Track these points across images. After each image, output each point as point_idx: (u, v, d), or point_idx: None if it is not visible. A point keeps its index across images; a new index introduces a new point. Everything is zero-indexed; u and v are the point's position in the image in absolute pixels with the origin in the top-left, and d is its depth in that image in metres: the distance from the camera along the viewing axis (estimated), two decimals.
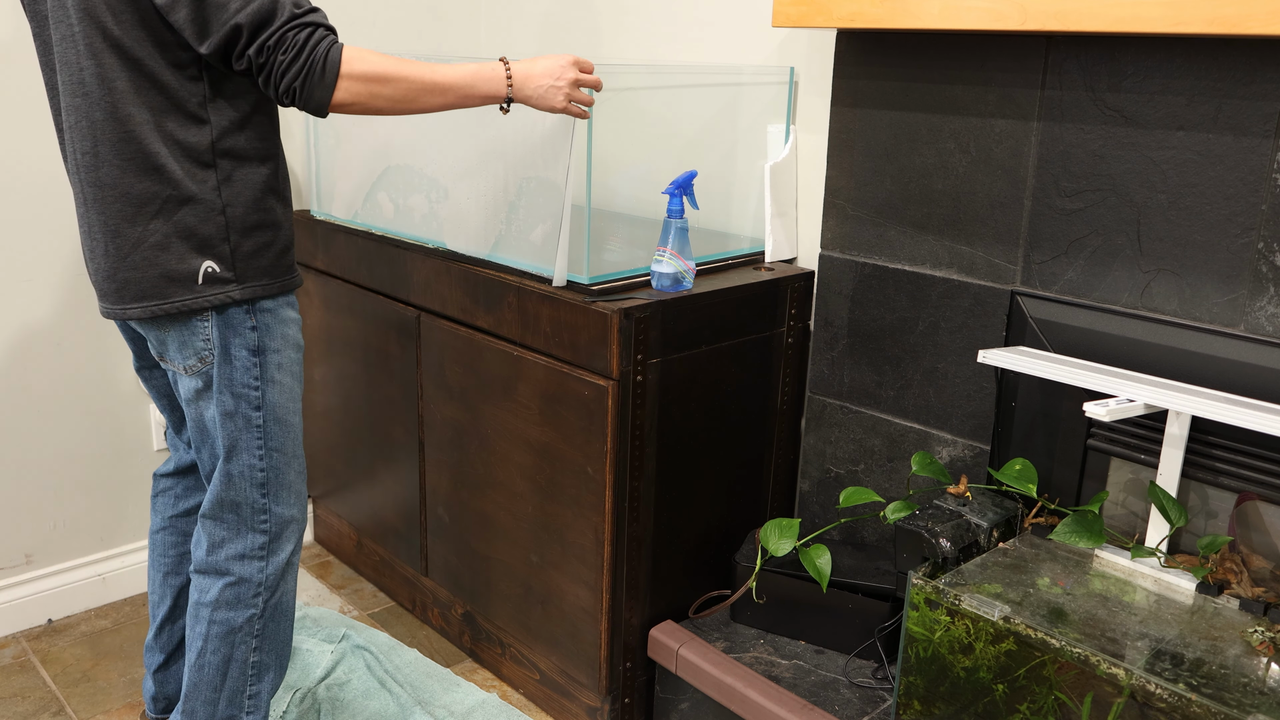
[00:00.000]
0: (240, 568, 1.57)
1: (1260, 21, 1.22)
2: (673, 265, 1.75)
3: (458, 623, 2.21)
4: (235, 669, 1.60)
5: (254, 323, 1.49)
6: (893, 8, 1.55)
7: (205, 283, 1.45)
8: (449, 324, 1.99)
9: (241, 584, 1.57)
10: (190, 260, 1.43)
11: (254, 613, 1.59)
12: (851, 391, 1.91)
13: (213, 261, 1.44)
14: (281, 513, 1.58)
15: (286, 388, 1.55)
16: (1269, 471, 1.40)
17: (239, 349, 1.49)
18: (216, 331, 1.47)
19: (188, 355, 1.49)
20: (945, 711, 1.42)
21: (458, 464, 2.04)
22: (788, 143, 1.98)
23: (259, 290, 1.48)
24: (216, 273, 1.45)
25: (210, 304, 1.45)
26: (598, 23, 2.36)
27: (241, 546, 1.57)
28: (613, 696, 1.87)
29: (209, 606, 1.57)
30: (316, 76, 1.35)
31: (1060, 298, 1.60)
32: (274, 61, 1.34)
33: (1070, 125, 1.54)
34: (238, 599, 1.58)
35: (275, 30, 1.33)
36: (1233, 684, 1.21)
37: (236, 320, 1.48)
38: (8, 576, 2.23)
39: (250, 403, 1.51)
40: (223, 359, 1.48)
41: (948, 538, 1.49)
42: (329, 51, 1.36)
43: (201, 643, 1.59)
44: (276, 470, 1.56)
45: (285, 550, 1.60)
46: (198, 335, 1.48)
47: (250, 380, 1.50)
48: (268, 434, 1.54)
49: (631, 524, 1.77)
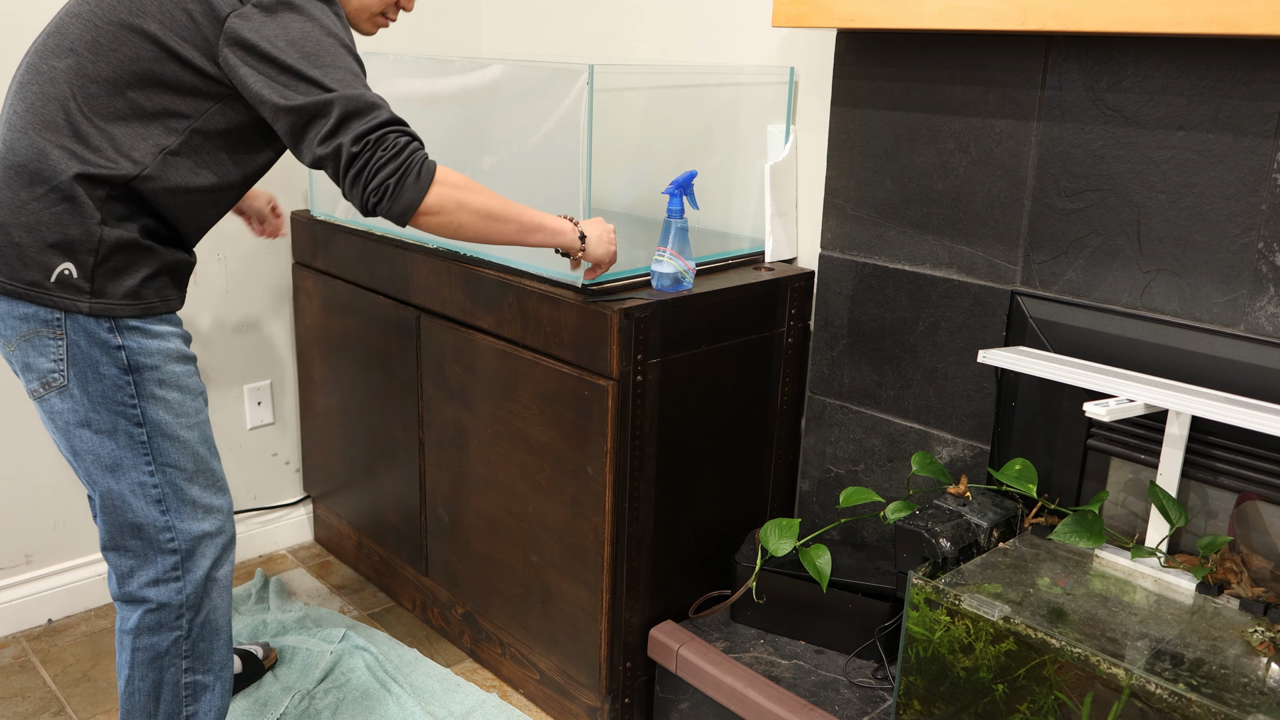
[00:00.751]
0: (155, 593, 1.51)
1: (1260, 21, 1.22)
2: (673, 265, 1.75)
3: (458, 623, 2.21)
4: (167, 692, 1.55)
5: (120, 341, 1.41)
6: (893, 8, 1.55)
7: (58, 284, 1.38)
8: (449, 324, 1.99)
9: (161, 609, 1.51)
10: (49, 255, 1.37)
11: (179, 634, 1.53)
12: (851, 391, 1.91)
13: (71, 266, 1.38)
14: (188, 528, 1.50)
15: (174, 403, 1.47)
16: (1269, 471, 1.40)
17: (108, 367, 1.41)
18: (74, 350, 1.40)
19: (30, 379, 1.43)
20: (945, 711, 1.42)
21: (458, 464, 2.04)
22: (788, 143, 1.98)
23: (116, 309, 1.40)
24: (72, 278, 1.38)
25: (60, 306, 1.38)
26: (598, 23, 2.36)
27: (153, 572, 1.50)
28: (613, 696, 1.87)
29: (130, 634, 1.52)
30: (412, 178, 1.35)
31: (1060, 298, 1.60)
32: (371, 157, 1.33)
33: (1070, 125, 1.54)
34: (159, 624, 1.52)
35: (378, 128, 1.33)
36: (1233, 684, 1.21)
37: (101, 340, 1.40)
38: (8, 576, 2.23)
39: (130, 419, 1.44)
40: (89, 378, 1.41)
41: (948, 538, 1.49)
42: (425, 160, 1.37)
43: (129, 670, 1.54)
44: (174, 485, 1.49)
45: (202, 566, 1.53)
46: (45, 356, 1.40)
47: (126, 399, 1.43)
48: (156, 450, 1.46)
49: (631, 524, 1.77)
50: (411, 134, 1.38)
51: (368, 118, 1.34)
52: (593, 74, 1.63)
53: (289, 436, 2.59)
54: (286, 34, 1.33)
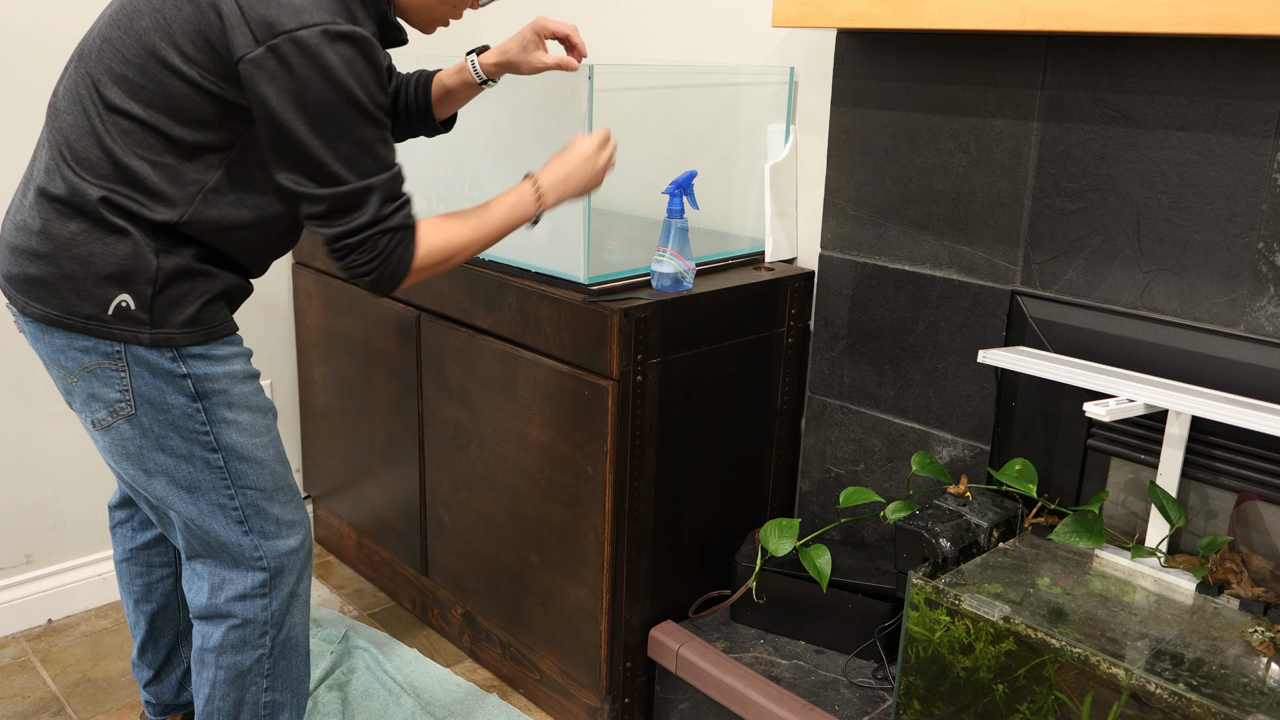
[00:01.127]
0: (242, 608, 1.48)
1: (1260, 21, 1.22)
2: (673, 265, 1.75)
3: (458, 623, 2.21)
4: (247, 712, 1.53)
5: (185, 370, 1.38)
6: (893, 8, 1.55)
7: (116, 316, 1.34)
8: (449, 324, 1.99)
9: (246, 625, 1.49)
10: (105, 287, 1.33)
11: (263, 653, 1.51)
12: (851, 391, 1.91)
13: (129, 298, 1.34)
14: (275, 546, 1.48)
15: (245, 425, 1.44)
16: (1269, 471, 1.40)
17: (174, 396, 1.38)
18: (139, 381, 1.37)
19: (96, 409, 1.39)
20: (945, 711, 1.42)
21: (458, 464, 2.04)
22: (788, 143, 1.98)
23: (177, 338, 1.37)
24: (130, 310, 1.34)
25: (120, 339, 1.34)
26: (598, 22, 2.36)
27: (242, 586, 1.48)
28: (613, 696, 1.87)
29: (214, 652, 1.49)
30: (386, 277, 1.37)
31: (1060, 298, 1.60)
32: (350, 259, 1.34)
33: (1070, 125, 1.54)
34: (244, 641, 1.49)
35: (361, 229, 1.32)
36: (1233, 684, 1.21)
37: (163, 369, 1.37)
38: (8, 576, 2.23)
39: (204, 445, 1.41)
40: (156, 408, 1.38)
41: (948, 538, 1.49)
42: (404, 255, 1.37)
43: (209, 689, 1.51)
44: (254, 507, 1.46)
45: (288, 583, 1.51)
46: (111, 386, 1.37)
47: (197, 426, 1.40)
48: (233, 474, 1.44)
49: (631, 524, 1.77)
50: (396, 227, 1.35)
51: (353, 218, 1.32)
52: (593, 74, 1.63)
53: (289, 436, 2.59)
54: (300, 99, 1.25)
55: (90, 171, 1.31)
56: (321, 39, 1.24)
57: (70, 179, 1.32)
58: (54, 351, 1.37)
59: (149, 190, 1.32)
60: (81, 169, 1.32)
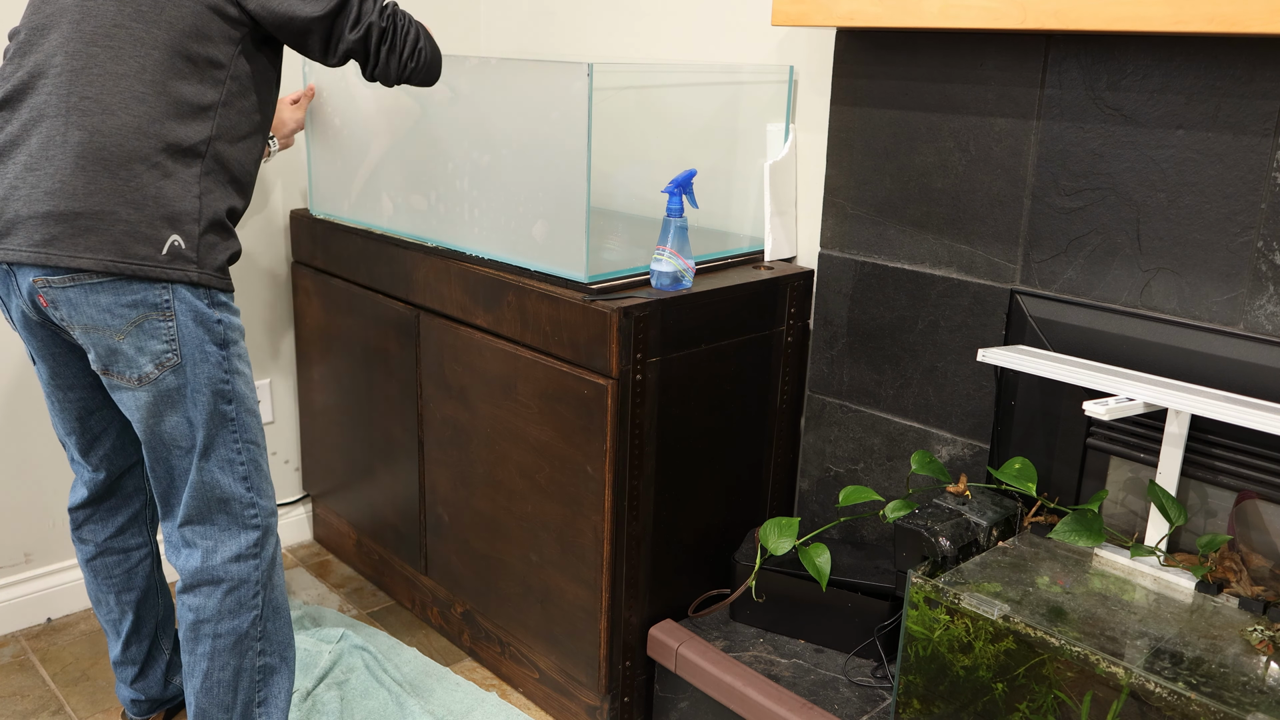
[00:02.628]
0: (237, 569, 1.53)
1: (1260, 20, 1.22)
2: (672, 264, 1.75)
3: (457, 622, 2.21)
4: (245, 679, 1.55)
5: (219, 316, 1.47)
6: (892, 6, 1.55)
7: (170, 255, 1.41)
8: (448, 323, 1.99)
9: (241, 586, 1.54)
10: (160, 228, 1.41)
11: (256, 613, 1.56)
12: (851, 390, 1.91)
13: (180, 238, 1.42)
14: (266, 505, 1.56)
15: (247, 378, 1.54)
16: (1268, 470, 1.40)
17: (209, 344, 1.47)
18: (184, 330, 1.44)
19: (144, 363, 1.44)
20: (945, 710, 1.42)
21: (457, 463, 2.04)
22: (787, 141, 1.98)
23: (214, 280, 1.46)
24: (182, 249, 1.42)
25: (170, 278, 1.41)
26: (597, 21, 2.36)
27: (236, 547, 1.53)
28: (612, 695, 1.87)
29: (211, 621, 1.53)
30: (432, 44, 1.61)
31: (1060, 296, 1.60)
32: (397, 27, 1.55)
33: (1070, 124, 1.54)
34: (240, 604, 1.53)
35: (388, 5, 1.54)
36: (1232, 683, 1.21)
37: (204, 315, 1.46)
38: (7, 575, 2.23)
39: (224, 397, 1.49)
40: (198, 358, 1.46)
41: (947, 536, 1.49)
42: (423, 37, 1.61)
43: (207, 662, 1.53)
44: (254, 462, 1.54)
45: (272, 544, 1.58)
46: (158, 338, 1.43)
47: (222, 375, 1.49)
48: (242, 426, 1.52)
49: (631, 523, 1.77)
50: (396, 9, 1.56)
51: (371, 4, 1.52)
52: (593, 73, 1.63)
53: (288, 435, 2.59)
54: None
55: (128, 113, 1.39)
56: None
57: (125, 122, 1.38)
58: (100, 312, 1.41)
59: (185, 113, 1.42)
60: (117, 113, 1.38)
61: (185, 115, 1.42)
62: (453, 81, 1.90)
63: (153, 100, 1.39)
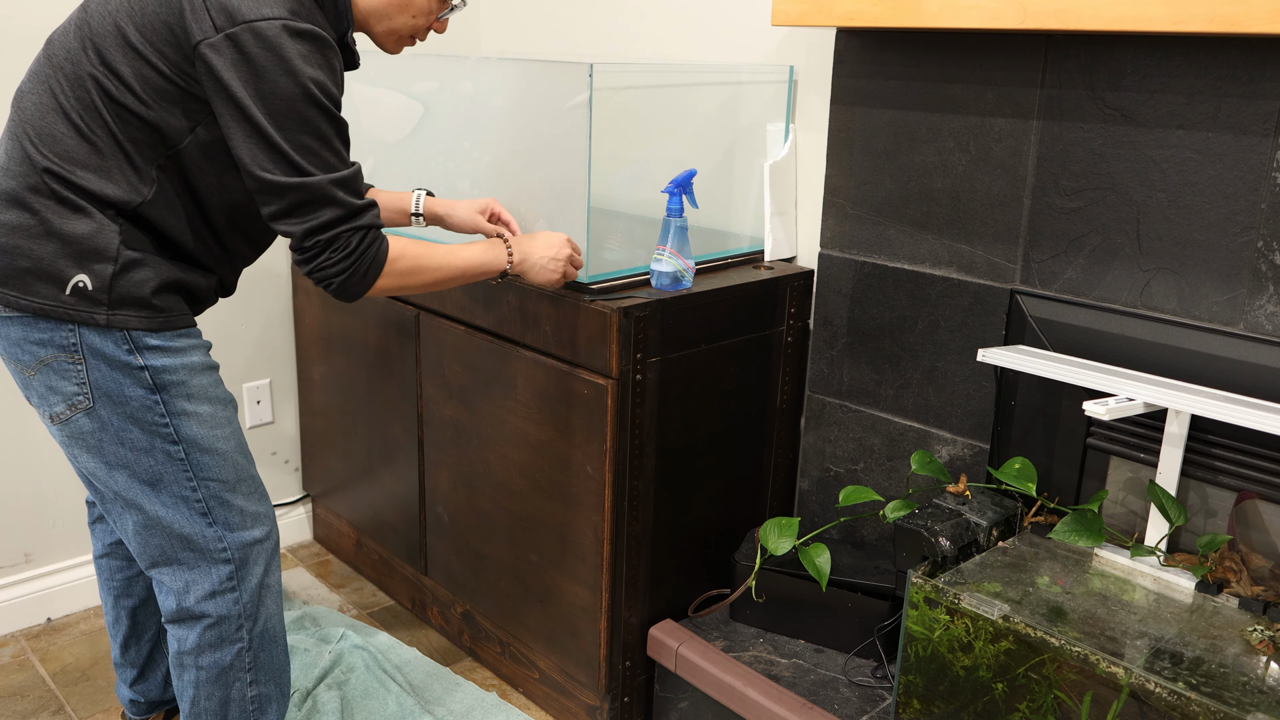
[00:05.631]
0: (214, 606, 1.47)
1: (1260, 20, 1.22)
2: (672, 264, 1.75)
3: (457, 621, 2.21)
4: (234, 709, 1.52)
5: (141, 361, 1.37)
6: (892, 6, 1.55)
7: (73, 295, 1.33)
8: (448, 323, 1.99)
9: (221, 623, 1.48)
10: (63, 266, 1.32)
11: (241, 646, 1.50)
12: (851, 390, 1.91)
13: (86, 277, 1.33)
14: (239, 537, 1.47)
15: (205, 417, 1.43)
16: (1268, 470, 1.40)
17: (132, 388, 1.37)
18: (95, 374, 1.36)
19: (55, 402, 1.38)
20: (945, 710, 1.42)
21: (457, 463, 2.04)
22: (787, 141, 1.98)
23: (132, 321, 1.36)
24: (88, 289, 1.33)
25: (73, 319, 1.33)
26: (597, 21, 2.36)
27: (208, 584, 1.46)
28: (612, 695, 1.87)
29: (192, 654, 1.49)
30: (358, 278, 1.37)
31: (1060, 296, 1.60)
32: (320, 256, 1.34)
33: (1070, 124, 1.54)
34: (221, 639, 1.49)
35: (331, 225, 1.33)
36: (1232, 682, 1.21)
37: (118, 360, 1.36)
38: (7, 575, 2.23)
39: (164, 438, 1.40)
40: (114, 401, 1.37)
41: (947, 536, 1.49)
42: (376, 255, 1.38)
43: (193, 690, 1.50)
44: (218, 498, 1.45)
45: (255, 575, 1.50)
46: (68, 379, 1.36)
47: (157, 418, 1.39)
48: (195, 465, 1.43)
49: (631, 523, 1.77)
50: (366, 225, 1.36)
51: (321, 213, 1.32)
52: (593, 73, 1.63)
53: (288, 435, 2.59)
54: (258, 87, 1.27)
55: (51, 150, 1.32)
56: (281, 32, 1.26)
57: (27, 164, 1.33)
58: (10, 345, 1.37)
59: (106, 169, 1.32)
60: (43, 147, 1.32)
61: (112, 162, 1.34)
62: (453, 81, 1.90)
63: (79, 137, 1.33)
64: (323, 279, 1.36)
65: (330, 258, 1.34)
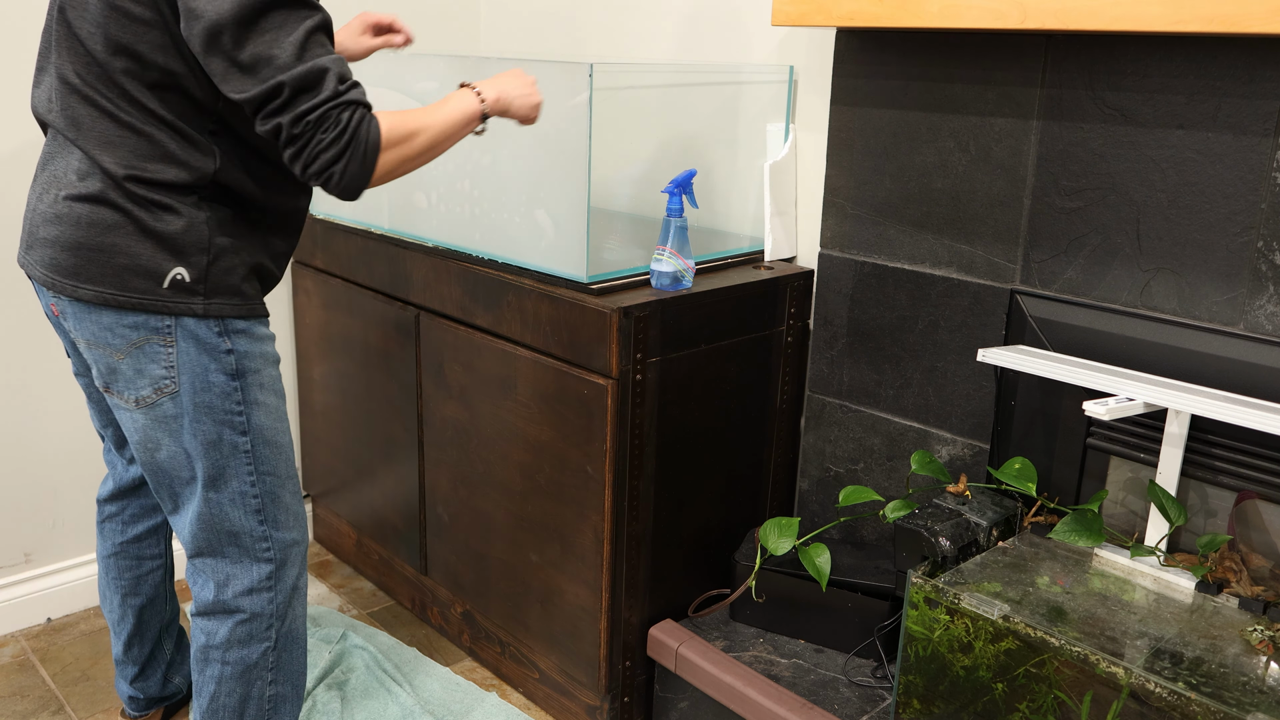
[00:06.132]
0: (250, 602, 1.49)
1: (1260, 20, 1.22)
2: (672, 264, 1.75)
3: (457, 621, 2.21)
4: (252, 707, 1.53)
5: (229, 345, 1.40)
6: (892, 6, 1.55)
7: (171, 288, 1.36)
8: (448, 323, 1.99)
9: (254, 620, 1.50)
10: (161, 260, 1.35)
11: (268, 645, 1.52)
12: (851, 390, 1.91)
13: (184, 270, 1.36)
14: (283, 537, 1.50)
15: (271, 408, 1.46)
16: (1268, 470, 1.40)
17: (216, 374, 1.40)
18: (184, 357, 1.38)
19: (142, 385, 1.39)
20: (945, 710, 1.42)
21: (457, 463, 2.04)
22: (787, 141, 1.98)
23: (226, 309, 1.39)
24: (184, 280, 1.36)
25: (172, 311, 1.36)
26: (597, 21, 2.36)
27: (248, 580, 1.48)
28: (612, 695, 1.87)
29: (220, 648, 1.50)
30: (358, 162, 1.28)
31: (1060, 296, 1.60)
32: (312, 139, 1.26)
33: (1070, 124, 1.54)
34: (250, 636, 1.50)
35: (319, 105, 1.25)
36: (1232, 682, 1.21)
37: (210, 344, 1.39)
38: (7, 575, 2.23)
39: (235, 429, 1.42)
40: (199, 387, 1.39)
41: (947, 536, 1.49)
42: (370, 130, 1.29)
43: (215, 685, 1.51)
44: (272, 494, 1.48)
45: (291, 575, 1.52)
46: (158, 362, 1.38)
47: (233, 406, 1.42)
48: (258, 458, 1.45)
49: (631, 523, 1.77)
50: (354, 101, 1.28)
51: (311, 94, 1.25)
52: (593, 73, 1.63)
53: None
54: None
55: (115, 155, 1.32)
56: None
57: (100, 173, 1.33)
58: (101, 330, 1.37)
59: (171, 155, 1.33)
60: (108, 154, 1.32)
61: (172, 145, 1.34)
62: (453, 81, 1.90)
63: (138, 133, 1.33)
64: (321, 168, 1.27)
65: (324, 137, 1.26)
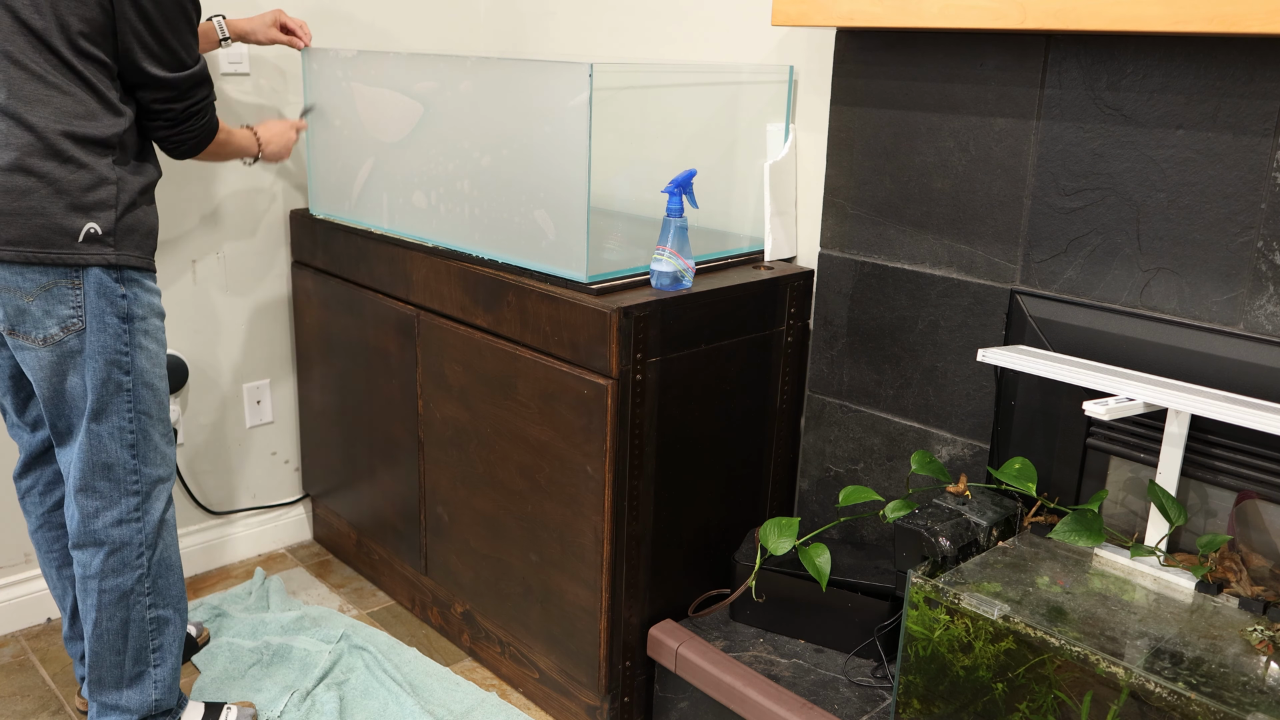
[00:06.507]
0: (118, 533, 1.64)
1: (1259, 20, 1.22)
2: (672, 264, 1.75)
3: (457, 621, 2.21)
4: (134, 629, 1.68)
5: (124, 291, 1.58)
6: (892, 6, 1.55)
7: (86, 241, 1.53)
8: (448, 323, 1.99)
9: (124, 549, 1.65)
10: (74, 218, 1.52)
11: (141, 572, 1.67)
12: (851, 390, 1.91)
13: (95, 224, 1.54)
14: (150, 473, 1.66)
15: (152, 354, 1.65)
16: (1268, 470, 1.40)
17: (110, 316, 1.57)
18: (89, 299, 1.55)
19: (50, 325, 1.55)
20: (945, 710, 1.42)
21: (457, 463, 2.04)
22: (787, 141, 1.98)
23: (130, 259, 1.58)
24: (98, 234, 1.54)
25: (86, 262, 1.53)
26: (597, 21, 2.36)
27: (117, 512, 1.64)
28: (612, 695, 1.87)
29: (95, 578, 1.64)
30: (205, 138, 1.74)
31: (1060, 296, 1.60)
32: (190, 126, 1.68)
33: (1070, 124, 1.54)
34: (123, 564, 1.65)
35: (202, 100, 1.67)
36: (1232, 682, 1.21)
37: (108, 289, 1.56)
38: (7, 575, 2.23)
39: (121, 368, 1.60)
40: (96, 327, 1.56)
41: (947, 536, 1.49)
42: (214, 120, 1.75)
43: (96, 613, 1.65)
44: (144, 432, 1.64)
45: (157, 510, 1.68)
46: (65, 303, 1.54)
47: (121, 346, 1.59)
48: (136, 398, 1.62)
49: (631, 523, 1.77)
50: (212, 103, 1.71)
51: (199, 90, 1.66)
52: (593, 73, 1.63)
53: (288, 435, 2.59)
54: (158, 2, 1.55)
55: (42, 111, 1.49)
56: None
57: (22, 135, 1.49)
58: (12, 274, 1.53)
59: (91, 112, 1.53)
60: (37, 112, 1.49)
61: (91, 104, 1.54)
62: (453, 81, 1.90)
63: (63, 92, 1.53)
64: (182, 140, 1.68)
65: (195, 124, 1.68)
